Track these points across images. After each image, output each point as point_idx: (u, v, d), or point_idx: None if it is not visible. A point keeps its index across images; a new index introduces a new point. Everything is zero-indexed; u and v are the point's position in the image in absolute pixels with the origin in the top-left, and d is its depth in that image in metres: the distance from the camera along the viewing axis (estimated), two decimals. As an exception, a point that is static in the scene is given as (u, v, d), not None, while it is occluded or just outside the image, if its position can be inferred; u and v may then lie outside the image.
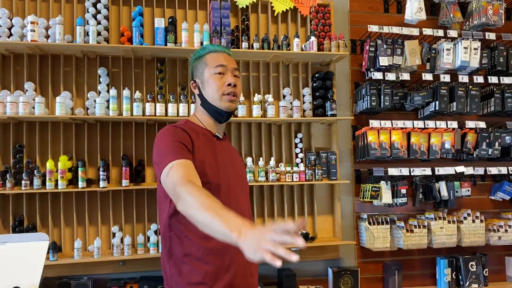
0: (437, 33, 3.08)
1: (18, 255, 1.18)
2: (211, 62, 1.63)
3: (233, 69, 1.65)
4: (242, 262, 1.54)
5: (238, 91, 1.64)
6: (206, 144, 1.59)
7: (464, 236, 3.07)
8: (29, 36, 2.52)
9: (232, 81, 1.61)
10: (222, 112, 1.62)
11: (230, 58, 1.68)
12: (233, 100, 1.62)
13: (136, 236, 2.68)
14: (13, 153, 2.65)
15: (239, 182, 1.68)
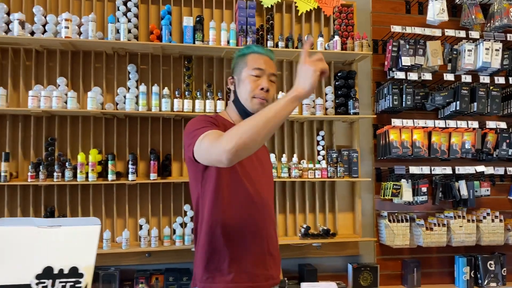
0: (459, 34, 3.12)
1: (72, 238, 1.24)
2: (251, 63, 1.67)
3: (270, 74, 1.67)
4: (263, 252, 1.63)
5: (270, 96, 1.67)
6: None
7: (483, 235, 3.10)
8: (63, 32, 2.60)
9: (266, 86, 1.63)
10: (250, 113, 1.64)
11: (270, 63, 1.69)
12: (262, 104, 1.63)
13: (163, 229, 2.75)
14: (45, 146, 2.73)
15: (264, 178, 1.74)
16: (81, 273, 1.11)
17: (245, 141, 1.25)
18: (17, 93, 2.75)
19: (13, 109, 2.60)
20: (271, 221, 1.72)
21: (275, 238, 1.74)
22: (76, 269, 1.11)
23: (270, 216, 1.71)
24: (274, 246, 1.71)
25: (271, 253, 1.68)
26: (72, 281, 1.11)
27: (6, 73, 2.72)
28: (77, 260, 1.16)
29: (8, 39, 2.61)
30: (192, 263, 2.38)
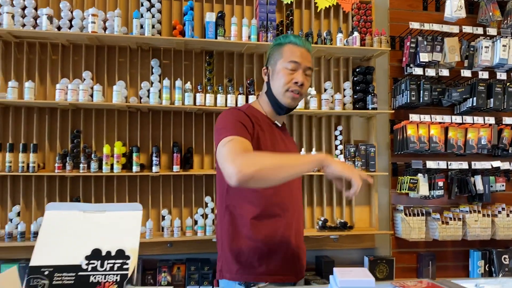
0: (476, 31, 3.15)
1: (117, 222, 1.28)
2: (287, 55, 1.60)
3: (306, 67, 1.61)
4: (292, 246, 1.59)
5: (304, 90, 1.62)
6: (265, 130, 1.60)
7: (498, 229, 3.14)
8: (89, 27, 2.67)
9: (300, 80, 1.58)
10: (283, 106, 1.63)
11: (307, 55, 1.63)
12: (296, 98, 1.61)
13: (185, 220, 2.82)
14: (71, 138, 2.81)
15: None
16: (128, 255, 1.16)
17: (263, 176, 1.28)
18: (43, 86, 2.82)
19: (41, 101, 2.67)
20: (300, 214, 1.69)
21: (302, 231, 1.71)
22: (122, 251, 1.16)
23: (299, 209, 1.69)
24: (301, 239, 1.69)
25: (299, 246, 1.66)
26: (120, 262, 1.16)
27: (34, 67, 2.79)
28: (122, 243, 1.20)
29: (37, 34, 2.68)
30: (214, 254, 2.40)
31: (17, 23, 2.66)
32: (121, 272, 1.14)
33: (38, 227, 2.65)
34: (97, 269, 1.13)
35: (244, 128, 1.48)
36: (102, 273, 1.13)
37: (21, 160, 2.62)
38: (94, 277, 1.12)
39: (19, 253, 2.68)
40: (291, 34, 1.84)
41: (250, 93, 2.90)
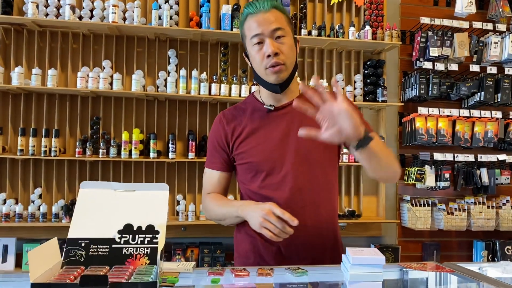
0: (486, 26, 3.22)
1: (146, 200, 1.38)
2: (248, 32, 1.40)
3: (271, 32, 1.36)
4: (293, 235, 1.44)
5: (282, 57, 1.38)
6: (250, 122, 1.51)
7: (502, 221, 3.23)
8: (110, 17, 2.77)
9: (271, 51, 1.35)
10: (272, 85, 1.44)
11: (267, 18, 1.37)
12: (278, 71, 1.39)
13: (199, 205, 2.94)
14: (90, 124, 2.92)
15: (291, 154, 1.47)
16: (157, 230, 1.26)
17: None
18: (65, 74, 2.92)
19: (63, 88, 2.77)
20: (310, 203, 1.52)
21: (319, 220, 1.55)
22: (152, 227, 1.26)
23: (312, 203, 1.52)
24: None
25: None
26: (150, 237, 1.26)
27: (55, 55, 2.90)
28: (152, 219, 1.30)
29: (59, 23, 2.78)
30: (226, 238, 2.72)
31: (41, 12, 2.76)
32: (151, 246, 1.24)
33: (58, 209, 2.78)
34: (129, 242, 1.22)
35: (217, 154, 1.54)
36: (134, 246, 1.23)
37: (44, 145, 2.73)
38: (127, 249, 1.21)
39: (41, 233, 2.81)
40: (247, 4, 1.46)
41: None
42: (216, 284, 1.41)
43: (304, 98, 1.38)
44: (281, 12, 1.42)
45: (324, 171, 1.50)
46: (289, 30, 1.42)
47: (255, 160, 1.47)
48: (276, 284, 1.50)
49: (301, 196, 1.46)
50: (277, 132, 1.48)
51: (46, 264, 1.12)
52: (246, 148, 1.49)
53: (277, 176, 1.47)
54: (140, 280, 1.04)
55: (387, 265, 1.64)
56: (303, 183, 1.46)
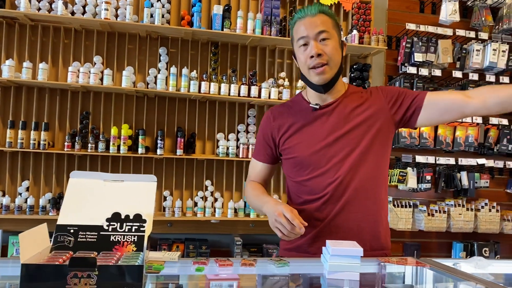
0: (469, 34, 3.32)
1: (134, 191, 1.42)
2: (295, 35, 1.51)
3: (316, 35, 1.46)
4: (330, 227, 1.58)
5: (325, 58, 1.46)
6: (296, 121, 1.61)
7: (480, 223, 3.33)
8: (102, 14, 2.80)
9: (314, 52, 1.44)
10: (316, 86, 1.53)
11: (314, 21, 1.47)
12: (321, 72, 1.47)
13: (185, 201, 2.98)
14: (80, 119, 2.95)
15: (335, 151, 1.55)
16: (144, 219, 1.31)
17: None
18: (55, 68, 2.95)
19: (54, 82, 2.80)
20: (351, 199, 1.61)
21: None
22: (140, 216, 1.30)
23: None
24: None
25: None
26: (137, 225, 1.30)
27: (47, 50, 2.92)
28: (139, 209, 1.35)
29: (52, 18, 2.81)
30: (211, 234, 2.87)
31: (33, 6, 2.79)
32: (138, 234, 1.28)
33: (46, 202, 2.80)
34: (117, 230, 1.26)
35: (263, 147, 1.68)
36: (122, 234, 1.27)
37: (33, 138, 2.75)
38: (114, 237, 1.25)
39: (27, 226, 2.79)
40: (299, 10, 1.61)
41: (253, 83, 3.05)
42: (200, 272, 1.46)
43: (349, 95, 1.58)
44: (328, 16, 1.51)
45: (370, 166, 1.55)
46: (334, 33, 1.50)
47: (300, 156, 1.57)
48: (259, 276, 1.56)
49: (344, 191, 1.53)
50: (322, 129, 1.56)
51: (36, 248, 1.16)
52: (292, 144, 1.59)
53: (320, 172, 1.55)
54: (127, 264, 1.08)
55: (365, 259, 1.71)
56: (346, 178, 1.53)
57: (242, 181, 3.16)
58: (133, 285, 1.04)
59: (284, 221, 1.39)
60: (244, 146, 3.01)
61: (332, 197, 1.55)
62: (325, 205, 1.56)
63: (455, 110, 1.51)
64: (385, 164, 1.61)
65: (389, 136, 1.59)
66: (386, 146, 1.59)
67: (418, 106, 1.52)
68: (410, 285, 1.53)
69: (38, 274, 1.01)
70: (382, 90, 1.60)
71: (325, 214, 1.56)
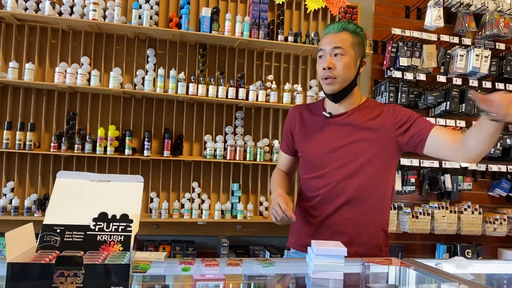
0: (453, 40, 3.39)
1: (120, 191, 1.43)
2: (319, 47, 1.70)
3: (331, 49, 1.63)
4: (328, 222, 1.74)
5: (335, 72, 1.63)
6: (310, 124, 1.79)
7: (463, 225, 3.39)
8: (90, 15, 2.80)
9: (326, 65, 1.62)
10: (327, 95, 1.71)
11: (334, 37, 1.64)
12: (330, 83, 1.64)
13: (172, 203, 2.98)
14: (66, 119, 2.93)
15: (336, 157, 1.70)
16: (131, 219, 1.31)
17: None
18: (42, 69, 2.94)
19: (40, 83, 2.78)
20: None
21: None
22: (126, 216, 1.31)
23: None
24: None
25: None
26: (124, 225, 1.31)
27: (33, 50, 2.91)
28: (126, 209, 1.35)
29: (39, 18, 2.79)
30: (198, 236, 2.95)
31: (20, 6, 2.77)
32: (125, 234, 1.29)
33: (31, 203, 2.78)
34: (103, 230, 1.27)
35: (286, 139, 1.89)
36: (108, 233, 1.27)
37: (18, 138, 2.73)
38: (101, 236, 1.26)
39: (12, 227, 2.76)
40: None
41: (240, 86, 3.07)
42: (186, 272, 1.47)
43: (363, 109, 1.73)
44: (350, 35, 1.66)
45: (366, 178, 1.68)
46: (351, 51, 1.65)
47: (307, 156, 1.78)
48: (245, 276, 1.58)
49: (336, 196, 1.70)
50: (329, 137, 1.73)
51: (22, 247, 1.16)
52: (302, 145, 1.80)
53: (319, 174, 1.73)
54: (113, 263, 1.09)
55: (350, 260, 1.74)
56: (340, 185, 1.69)
57: (229, 183, 3.17)
58: (119, 284, 1.04)
59: (278, 209, 1.60)
60: (231, 148, 3.03)
61: (325, 199, 1.72)
62: (319, 204, 1.73)
63: (449, 152, 1.62)
64: (385, 179, 1.72)
65: (392, 154, 1.71)
66: (388, 163, 1.71)
67: (423, 139, 1.63)
68: (394, 284, 1.56)
69: (24, 273, 1.01)
70: (394, 109, 1.70)
71: (318, 213, 1.73)
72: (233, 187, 3.15)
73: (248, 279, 1.54)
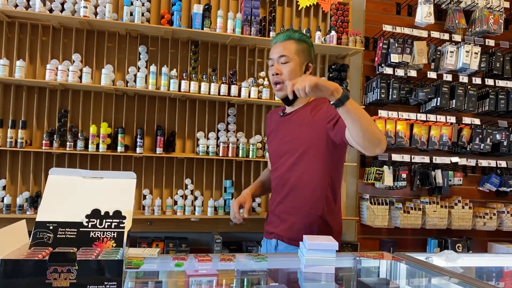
0: (443, 36, 3.42)
1: (113, 188, 1.43)
2: (269, 56, 1.94)
3: (278, 57, 1.87)
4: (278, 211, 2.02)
5: (282, 77, 1.86)
6: (274, 124, 2.09)
7: (454, 220, 3.43)
8: (81, 12, 2.79)
9: (274, 71, 1.87)
10: (281, 99, 1.96)
11: (279, 46, 1.88)
12: (279, 90, 1.89)
13: (165, 199, 2.99)
14: (58, 117, 2.92)
15: (285, 151, 1.94)
16: (124, 215, 1.32)
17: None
18: (33, 66, 2.92)
19: (32, 80, 2.77)
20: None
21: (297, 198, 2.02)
22: (119, 212, 1.31)
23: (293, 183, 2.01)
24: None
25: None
26: (117, 221, 1.31)
27: (24, 47, 2.89)
28: (119, 205, 1.36)
29: (29, 15, 2.77)
30: (191, 233, 3.01)
31: (10, 3, 2.75)
32: (118, 230, 1.29)
33: (23, 201, 2.77)
34: (96, 226, 1.27)
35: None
36: (101, 230, 1.28)
37: (10, 136, 2.72)
38: (94, 233, 1.26)
39: (5, 224, 2.74)
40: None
41: (233, 82, 3.07)
42: (179, 267, 1.48)
43: (308, 107, 1.90)
44: (295, 43, 1.88)
45: (304, 167, 1.88)
46: (295, 58, 1.86)
47: (269, 155, 2.14)
48: (237, 271, 1.59)
49: (284, 183, 1.94)
50: (281, 134, 1.99)
51: (15, 244, 1.16)
52: (268, 145, 2.15)
53: (274, 168, 2.02)
54: (107, 259, 1.09)
55: (342, 254, 1.75)
56: (286, 174, 1.93)
57: (222, 179, 3.18)
58: (112, 280, 1.05)
59: (232, 209, 2.01)
60: (224, 145, 3.04)
61: (276, 190, 2.00)
62: (273, 195, 2.03)
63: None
64: (320, 169, 1.87)
65: (325, 145, 1.85)
66: (322, 153, 1.86)
67: (342, 135, 1.75)
68: (385, 278, 1.59)
69: (17, 270, 1.01)
70: (329, 105, 1.79)
71: (271, 202, 2.03)
72: (226, 184, 3.16)
73: (241, 274, 1.55)
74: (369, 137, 1.56)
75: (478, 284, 1.30)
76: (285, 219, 1.94)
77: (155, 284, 1.47)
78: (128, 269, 1.36)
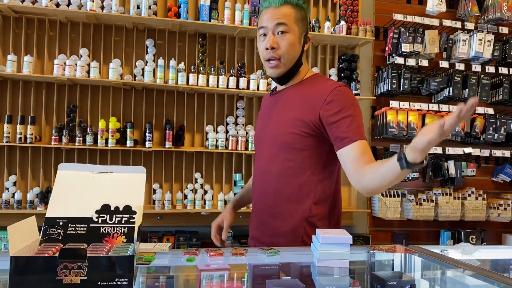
0: (455, 24, 3.35)
1: (123, 183, 1.41)
2: (258, 24, 1.50)
3: (274, 26, 1.43)
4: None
5: (279, 52, 1.44)
6: (264, 105, 1.69)
7: (467, 211, 3.38)
8: (88, 6, 2.77)
9: (269, 44, 1.43)
10: (274, 79, 1.55)
11: (275, 13, 1.44)
12: (274, 66, 1.46)
13: (175, 194, 2.98)
14: (67, 112, 2.91)
15: (267, 137, 1.59)
16: (134, 210, 1.30)
17: None
18: (41, 61, 2.91)
19: (40, 75, 2.76)
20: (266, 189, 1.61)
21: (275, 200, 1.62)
22: (129, 207, 1.30)
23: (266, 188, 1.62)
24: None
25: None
26: (127, 217, 1.30)
27: (32, 42, 2.88)
28: (129, 200, 1.34)
29: (36, 10, 2.76)
30: (201, 226, 2.93)
31: (17, -2, 2.74)
32: (128, 225, 1.28)
33: (33, 196, 2.77)
34: (106, 222, 1.26)
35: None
36: (111, 225, 1.26)
37: (19, 132, 2.72)
38: (104, 228, 1.25)
39: (15, 220, 2.75)
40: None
41: (241, 75, 3.04)
42: (191, 262, 1.46)
43: (301, 84, 1.52)
44: (293, 9, 1.46)
45: (293, 155, 1.50)
46: (294, 28, 1.45)
47: (254, 137, 1.72)
48: (250, 265, 1.57)
49: (268, 174, 1.57)
50: (265, 116, 1.61)
51: (25, 240, 1.15)
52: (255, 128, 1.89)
53: (256, 156, 1.66)
54: (117, 255, 1.08)
55: (356, 247, 1.72)
56: (270, 164, 1.55)
57: (231, 173, 3.16)
58: (124, 276, 1.03)
59: (212, 230, 1.92)
60: (233, 138, 3.01)
61: (256, 183, 1.65)
62: (254, 188, 1.67)
63: (349, 176, 1.47)
64: (309, 159, 1.50)
65: (316, 135, 1.47)
66: (312, 144, 1.48)
67: (335, 149, 1.45)
68: (399, 271, 1.55)
69: (28, 267, 1.00)
70: (332, 92, 1.43)
71: (252, 197, 1.71)
72: (236, 177, 3.14)
73: (253, 268, 1.53)
74: (379, 191, 1.45)
75: (498, 278, 1.26)
76: (265, 220, 1.62)
77: (167, 279, 1.45)
78: (139, 265, 1.35)
